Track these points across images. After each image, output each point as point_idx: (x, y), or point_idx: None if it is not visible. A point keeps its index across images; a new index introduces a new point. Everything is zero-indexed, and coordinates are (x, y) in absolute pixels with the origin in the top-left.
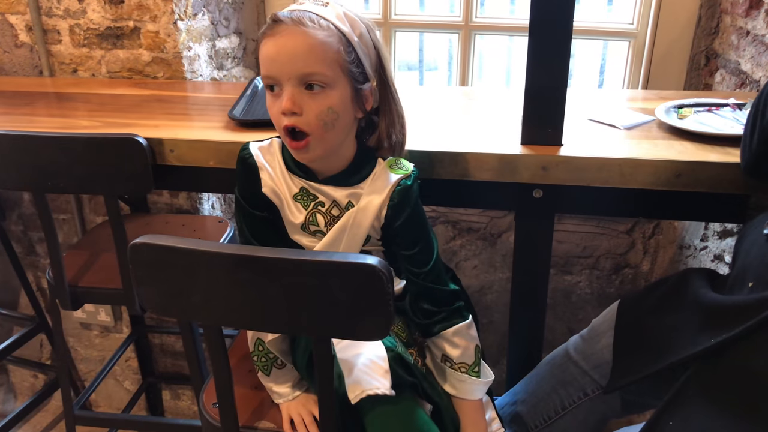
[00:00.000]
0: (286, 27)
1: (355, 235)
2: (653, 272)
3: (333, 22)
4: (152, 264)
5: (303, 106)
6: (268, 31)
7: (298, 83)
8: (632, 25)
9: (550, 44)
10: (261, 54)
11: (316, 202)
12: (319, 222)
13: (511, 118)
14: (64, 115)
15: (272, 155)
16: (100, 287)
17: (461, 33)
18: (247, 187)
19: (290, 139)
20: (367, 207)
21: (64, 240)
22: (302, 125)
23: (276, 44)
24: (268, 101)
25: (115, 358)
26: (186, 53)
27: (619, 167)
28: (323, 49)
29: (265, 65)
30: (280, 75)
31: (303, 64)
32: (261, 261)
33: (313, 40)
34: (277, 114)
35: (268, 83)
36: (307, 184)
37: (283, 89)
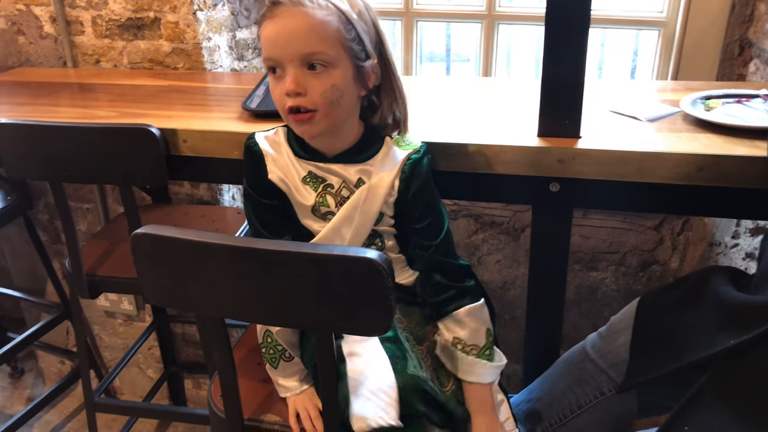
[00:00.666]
0: (285, 8)
1: (368, 213)
2: (682, 270)
3: (331, 0)
4: (153, 254)
5: (307, 86)
6: (268, 14)
7: (300, 64)
8: (662, 14)
9: (567, 32)
10: (262, 37)
11: (325, 184)
12: (329, 203)
13: (531, 109)
14: (84, 106)
15: (278, 143)
16: (118, 276)
17: (484, 23)
18: (254, 175)
19: (294, 115)
20: (379, 184)
21: (88, 229)
22: (307, 104)
23: (276, 26)
24: (271, 84)
25: (136, 346)
26: (206, 44)
27: (638, 161)
28: (324, 28)
29: (266, 48)
30: (282, 56)
31: (304, 44)
32: (260, 253)
33: (313, 20)
34: (280, 95)
35: (270, 65)
36: (314, 166)
37: (285, 71)
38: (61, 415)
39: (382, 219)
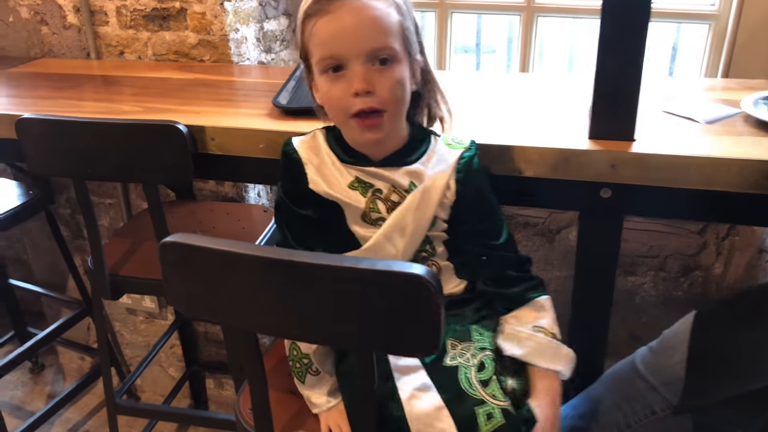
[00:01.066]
0: (342, 2)
1: (421, 218)
2: (726, 276)
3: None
4: (182, 264)
5: (375, 84)
6: (323, 8)
7: (366, 60)
8: (713, 6)
9: (626, 26)
10: (316, 34)
11: (373, 189)
12: (380, 209)
13: (575, 108)
14: (108, 100)
15: (318, 148)
16: (140, 277)
17: (523, 15)
18: (293, 184)
19: (361, 119)
20: (432, 186)
21: (111, 225)
22: (377, 104)
23: (337, 20)
24: (327, 85)
25: (158, 346)
26: (233, 35)
27: (699, 167)
28: (388, 20)
29: (326, 45)
30: (347, 53)
31: (372, 39)
32: (298, 266)
33: (378, 12)
34: (343, 97)
35: (329, 65)
36: (361, 171)
37: (349, 69)
38: (82, 412)
39: (435, 224)
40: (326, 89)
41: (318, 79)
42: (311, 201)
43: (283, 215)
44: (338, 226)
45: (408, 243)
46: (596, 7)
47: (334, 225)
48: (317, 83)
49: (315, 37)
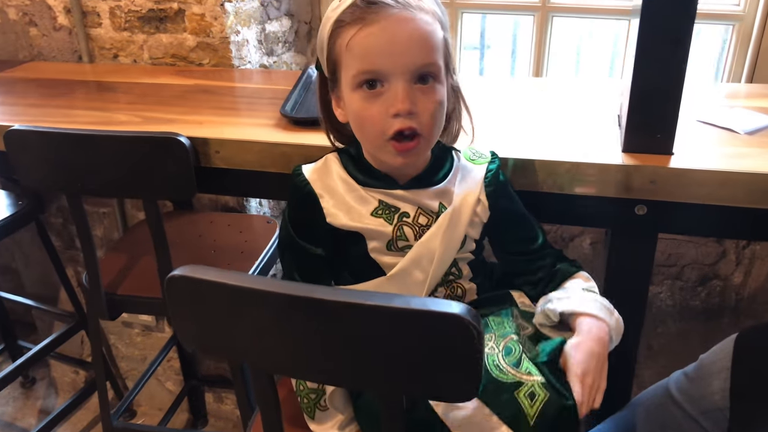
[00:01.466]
0: (390, 10)
1: (451, 240)
2: (746, 286)
3: (431, 4)
4: (192, 299)
5: (417, 104)
6: (364, 16)
7: (411, 77)
8: (738, 7)
9: (669, 30)
10: (356, 46)
11: (399, 214)
12: (407, 236)
13: (599, 116)
14: (102, 108)
15: (332, 175)
16: (139, 296)
17: (537, 15)
18: (304, 219)
19: (399, 143)
20: (462, 206)
21: (104, 235)
22: (417, 126)
23: (385, 32)
24: (361, 103)
25: (156, 362)
26: (234, 38)
27: (746, 184)
28: (436, 36)
29: (368, 59)
30: (392, 69)
31: (421, 55)
32: (320, 304)
33: (427, 26)
34: (381, 117)
35: (367, 78)
36: (385, 194)
37: (389, 86)
38: (75, 429)
39: (464, 244)
40: (359, 107)
41: (348, 95)
42: (328, 237)
43: (293, 257)
44: (359, 256)
45: (437, 267)
46: (613, 6)
47: (353, 255)
48: (345, 99)
49: (354, 49)
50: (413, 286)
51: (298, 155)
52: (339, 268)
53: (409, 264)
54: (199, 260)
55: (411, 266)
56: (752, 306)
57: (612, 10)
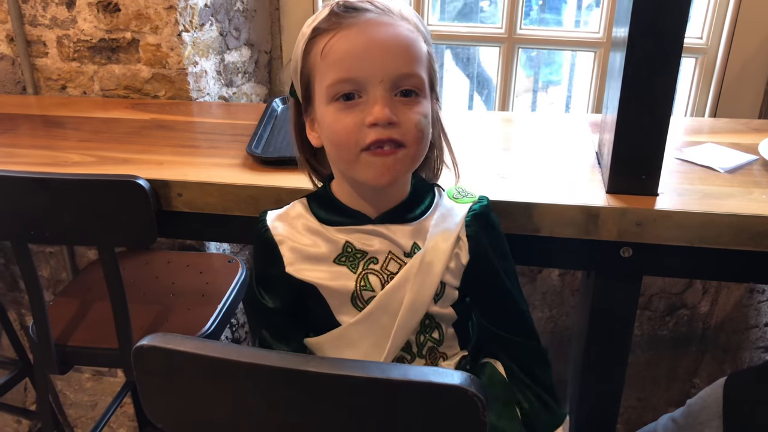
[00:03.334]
0: (368, 14)
1: (423, 285)
2: (713, 315)
3: (413, 19)
4: (163, 373)
5: (398, 115)
6: (341, 21)
7: (390, 87)
8: (701, 40)
9: (656, 68)
10: (331, 52)
11: (366, 259)
12: (373, 285)
13: (575, 153)
14: (50, 146)
15: (296, 218)
16: (93, 347)
17: (503, 47)
18: (267, 269)
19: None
20: (437, 246)
21: (52, 275)
22: (399, 135)
23: (362, 34)
24: (335, 116)
25: (110, 411)
26: (191, 69)
27: (733, 226)
28: (418, 47)
29: (343, 65)
30: (370, 76)
31: (402, 62)
32: (309, 377)
33: (409, 33)
34: (355, 128)
35: (343, 90)
36: (355, 232)
37: (366, 97)
38: None
39: (442, 293)
40: (332, 120)
41: (322, 111)
42: (289, 290)
43: (259, 315)
44: (320, 313)
45: (404, 318)
46: (580, 38)
47: (314, 312)
48: (318, 117)
49: (329, 56)
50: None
51: (266, 198)
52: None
53: (368, 316)
54: (157, 305)
55: (371, 318)
56: (719, 335)
57: (578, 41)
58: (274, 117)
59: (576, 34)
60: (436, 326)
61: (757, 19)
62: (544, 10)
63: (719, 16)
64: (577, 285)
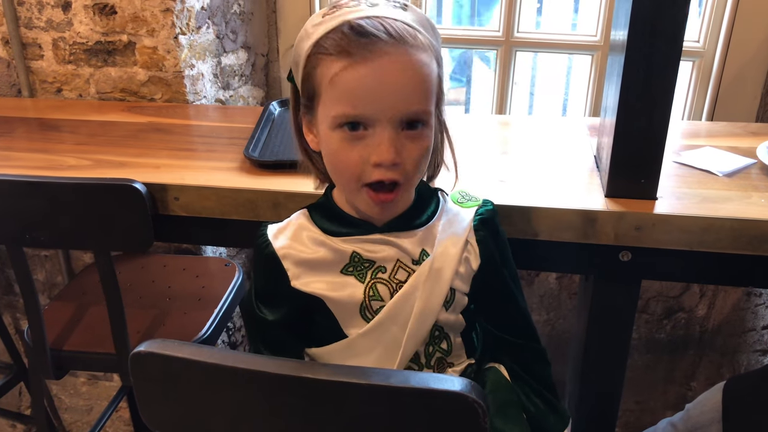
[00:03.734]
0: (383, 47)
1: (433, 292)
2: (710, 318)
3: (426, 35)
4: (161, 379)
5: (402, 153)
6: (354, 50)
7: (399, 124)
8: (698, 43)
9: (655, 70)
10: (341, 83)
11: (374, 268)
12: (382, 295)
13: (572, 157)
14: (46, 150)
15: (299, 230)
16: (88, 351)
17: (500, 50)
18: (269, 284)
19: (375, 193)
20: (446, 252)
21: (47, 279)
22: (399, 177)
23: (375, 74)
24: (339, 144)
25: (106, 415)
26: (188, 72)
27: (732, 230)
28: (432, 78)
29: (354, 101)
30: (379, 115)
31: (412, 101)
32: (309, 383)
33: (423, 69)
34: (361, 162)
35: (349, 121)
36: (361, 242)
37: (373, 131)
38: None
39: (452, 300)
40: (336, 148)
41: (324, 131)
42: (293, 304)
43: (256, 328)
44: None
45: (414, 327)
46: (578, 41)
47: (321, 325)
48: (320, 133)
49: (338, 88)
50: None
51: (264, 201)
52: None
53: (378, 326)
54: (153, 309)
55: (378, 333)
56: (716, 338)
57: (576, 44)
58: (272, 120)
59: (573, 37)
60: (445, 337)
61: (754, 22)
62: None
63: (716, 19)
64: (574, 288)
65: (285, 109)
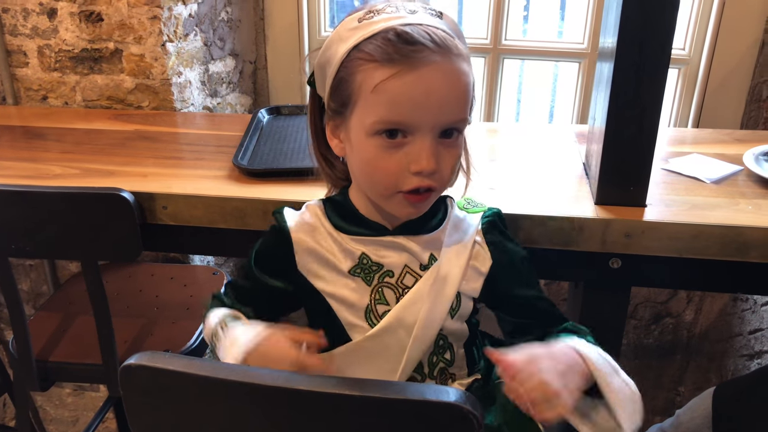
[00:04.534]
0: (430, 55)
1: (439, 298)
2: (698, 323)
3: (462, 44)
4: (151, 392)
5: (440, 161)
6: (400, 58)
7: (438, 132)
8: (683, 51)
9: (644, 78)
10: (387, 91)
11: (381, 272)
12: (388, 299)
13: (561, 164)
14: (32, 158)
15: (314, 225)
16: (75, 363)
17: (488, 57)
18: (272, 257)
19: (413, 195)
20: (452, 258)
21: (32, 289)
22: (436, 182)
23: (422, 82)
24: (376, 151)
25: (92, 427)
26: (175, 79)
27: (720, 237)
28: (470, 87)
29: (398, 109)
30: (422, 124)
31: (454, 110)
32: (301, 396)
33: (465, 78)
34: (400, 170)
35: (390, 128)
36: (372, 243)
37: (413, 138)
38: None
39: (459, 307)
40: (375, 155)
41: (359, 138)
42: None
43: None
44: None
45: (420, 333)
46: (566, 48)
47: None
48: (353, 140)
49: (383, 95)
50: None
51: (253, 210)
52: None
53: (383, 331)
54: (141, 319)
55: (386, 333)
56: (704, 343)
57: (563, 52)
58: (260, 128)
59: (560, 44)
60: (449, 347)
61: (739, 30)
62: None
63: (701, 26)
64: (563, 295)
65: (274, 116)
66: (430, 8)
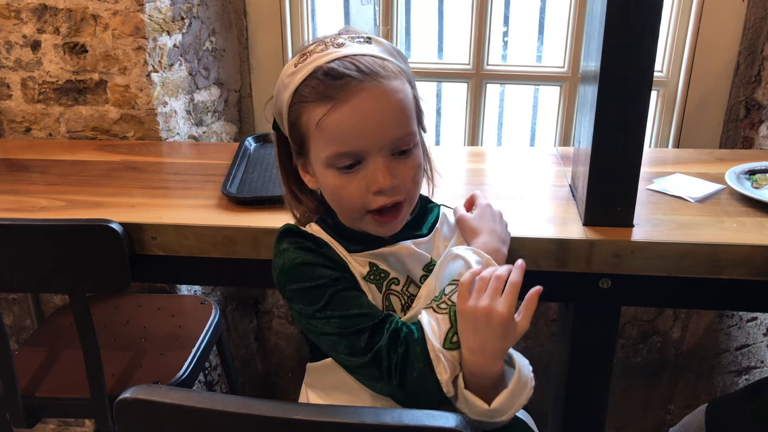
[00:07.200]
0: (359, 85)
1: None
2: (685, 341)
3: (394, 61)
4: (147, 426)
5: (397, 175)
6: (334, 94)
7: (389, 151)
8: (662, 73)
9: (627, 101)
10: (328, 127)
11: (388, 279)
12: (395, 307)
13: (548, 186)
14: (16, 191)
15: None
16: (62, 397)
17: (471, 82)
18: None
19: (381, 216)
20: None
21: (15, 323)
22: (400, 195)
23: (357, 112)
24: (337, 181)
25: None
26: (161, 109)
27: (708, 255)
28: (407, 103)
29: (343, 140)
30: (369, 147)
31: (397, 127)
32: (299, 425)
33: (398, 95)
34: (361, 194)
35: (344, 163)
36: (373, 256)
37: (366, 163)
38: None
39: None
40: (335, 185)
41: (320, 171)
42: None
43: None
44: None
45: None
46: (542, 73)
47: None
48: (317, 173)
49: (325, 131)
50: None
51: (243, 238)
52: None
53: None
54: (128, 351)
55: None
56: (692, 361)
57: (544, 76)
58: (248, 156)
59: (542, 68)
60: None
61: (714, 52)
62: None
63: (678, 49)
64: (552, 315)
65: (261, 144)
66: (358, 36)
